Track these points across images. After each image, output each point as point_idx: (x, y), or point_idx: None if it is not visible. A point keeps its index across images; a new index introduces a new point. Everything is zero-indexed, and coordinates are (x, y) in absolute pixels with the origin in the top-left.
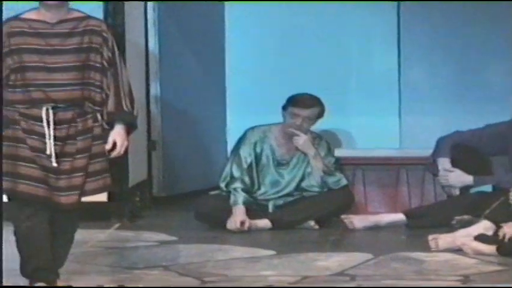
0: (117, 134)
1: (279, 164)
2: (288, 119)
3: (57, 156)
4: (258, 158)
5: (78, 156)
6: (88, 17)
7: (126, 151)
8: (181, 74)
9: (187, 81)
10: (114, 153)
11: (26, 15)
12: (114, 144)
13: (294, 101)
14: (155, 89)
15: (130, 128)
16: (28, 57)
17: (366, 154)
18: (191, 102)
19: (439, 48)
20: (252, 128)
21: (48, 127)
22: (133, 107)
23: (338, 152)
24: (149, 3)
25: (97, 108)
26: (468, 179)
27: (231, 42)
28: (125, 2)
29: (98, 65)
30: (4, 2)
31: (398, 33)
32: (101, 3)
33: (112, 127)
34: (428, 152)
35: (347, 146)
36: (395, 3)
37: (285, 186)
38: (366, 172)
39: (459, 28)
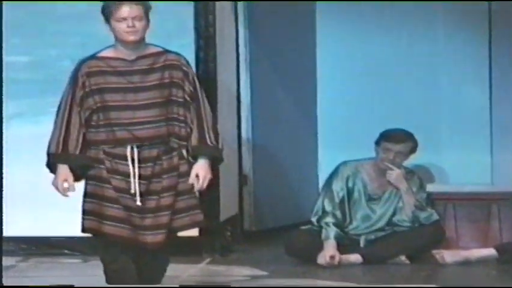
0: (200, 168)
1: (370, 199)
2: (381, 154)
3: (142, 194)
4: (350, 192)
5: (164, 194)
6: (166, 52)
7: (216, 185)
8: (272, 108)
9: (278, 115)
10: (196, 187)
11: (103, 54)
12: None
13: (387, 136)
14: (246, 124)
15: (215, 162)
16: (110, 97)
17: (458, 190)
18: (282, 136)
19: None
20: (345, 163)
21: (133, 166)
22: (217, 141)
23: (430, 187)
24: (241, 40)
25: (182, 143)
26: None
27: (322, 77)
28: (217, 37)
29: (180, 99)
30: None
31: (490, 70)
32: (191, 34)
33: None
34: None
35: (439, 181)
36: (487, 37)
37: (377, 221)
38: (457, 207)
39: None
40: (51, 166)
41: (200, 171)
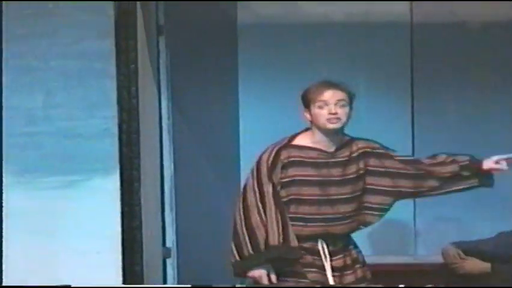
0: None
1: None
2: None
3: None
4: None
5: (359, 284)
6: (354, 139)
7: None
8: (195, 179)
9: (201, 186)
10: None
11: (299, 142)
12: None
13: None
14: (169, 195)
15: None
16: (307, 190)
17: None
18: (207, 207)
19: None
20: None
21: (326, 259)
22: None
23: None
24: (164, 111)
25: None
26: None
27: (245, 146)
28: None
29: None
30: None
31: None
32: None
33: None
34: None
35: None
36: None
37: None
38: None
39: None
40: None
41: None
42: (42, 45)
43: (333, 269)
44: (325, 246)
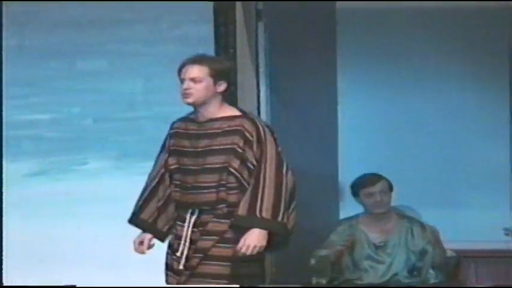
0: (248, 236)
1: (377, 247)
2: (367, 202)
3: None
4: (350, 246)
5: (195, 255)
6: (241, 116)
7: None
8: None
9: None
10: (239, 253)
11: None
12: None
13: (361, 184)
14: None
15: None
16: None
17: (479, 247)
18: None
19: None
20: (339, 222)
21: (187, 229)
22: (274, 215)
23: (448, 245)
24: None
25: (231, 209)
26: None
27: (344, 132)
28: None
29: (234, 166)
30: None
31: (511, 125)
32: None
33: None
34: None
35: (456, 237)
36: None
37: (389, 266)
38: (478, 264)
39: None
40: None
41: (247, 240)
42: (144, 30)
43: (191, 241)
44: (193, 218)
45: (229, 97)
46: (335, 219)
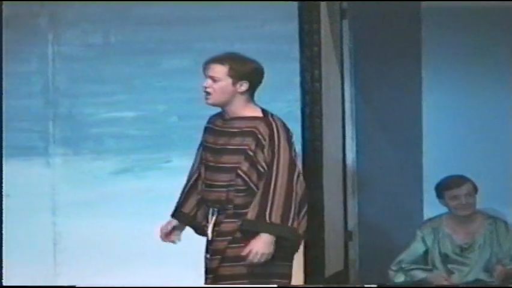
0: (255, 242)
1: (462, 249)
2: (452, 204)
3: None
4: (432, 250)
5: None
6: (262, 117)
7: (321, 241)
8: (378, 167)
9: (383, 174)
10: (247, 260)
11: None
12: None
13: (447, 185)
14: (351, 179)
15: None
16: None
17: None
18: (388, 192)
19: None
20: (419, 226)
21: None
22: (284, 220)
23: None
24: (347, 95)
25: (239, 211)
26: None
27: (428, 129)
28: (323, 93)
29: (243, 168)
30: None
31: None
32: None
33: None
34: None
35: None
36: None
37: (473, 267)
38: None
39: None
40: None
41: (254, 247)
42: (229, 28)
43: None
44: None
45: (315, 95)
46: (419, 221)
